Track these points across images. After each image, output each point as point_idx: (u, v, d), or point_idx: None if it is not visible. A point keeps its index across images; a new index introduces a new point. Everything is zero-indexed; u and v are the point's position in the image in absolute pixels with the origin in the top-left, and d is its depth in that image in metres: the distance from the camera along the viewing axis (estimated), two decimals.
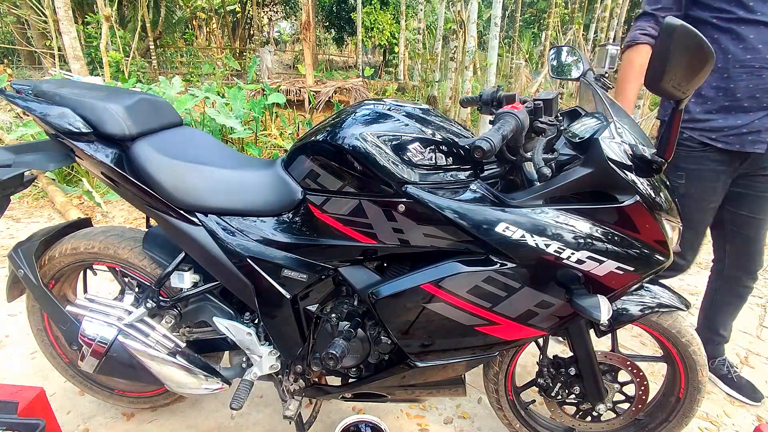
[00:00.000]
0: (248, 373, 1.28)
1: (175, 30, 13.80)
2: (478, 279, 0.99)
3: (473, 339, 1.08)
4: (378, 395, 1.29)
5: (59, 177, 3.87)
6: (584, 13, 11.84)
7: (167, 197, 1.15)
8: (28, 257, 1.30)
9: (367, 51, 19.24)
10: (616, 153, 0.92)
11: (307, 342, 1.22)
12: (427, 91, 8.37)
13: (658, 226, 0.96)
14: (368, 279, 1.11)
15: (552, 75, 1.35)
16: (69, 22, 4.84)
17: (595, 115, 1.08)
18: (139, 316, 1.26)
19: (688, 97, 0.80)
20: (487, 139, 0.82)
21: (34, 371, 1.78)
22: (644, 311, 1.15)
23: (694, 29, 0.71)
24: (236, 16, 15.99)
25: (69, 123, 1.14)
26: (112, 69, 6.70)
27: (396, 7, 13.02)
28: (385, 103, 1.10)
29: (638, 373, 1.25)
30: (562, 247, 0.95)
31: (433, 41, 10.34)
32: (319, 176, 1.06)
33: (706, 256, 3.09)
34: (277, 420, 1.59)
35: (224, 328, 1.25)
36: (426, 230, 1.00)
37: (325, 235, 1.09)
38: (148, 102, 1.25)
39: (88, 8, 9.78)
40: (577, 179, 0.93)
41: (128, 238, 1.33)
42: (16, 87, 1.25)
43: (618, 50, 1.39)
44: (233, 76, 9.79)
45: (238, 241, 1.14)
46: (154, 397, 1.55)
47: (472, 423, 1.62)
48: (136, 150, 1.17)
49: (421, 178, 0.99)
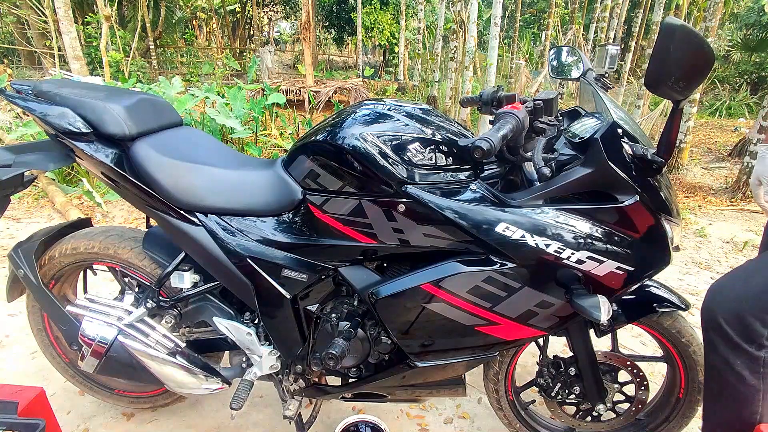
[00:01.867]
0: (248, 373, 1.28)
1: (175, 30, 13.81)
2: (478, 279, 0.99)
3: (473, 339, 1.08)
4: (378, 395, 1.29)
5: (59, 177, 3.87)
6: (584, 13, 11.85)
7: (167, 197, 1.15)
8: (28, 257, 1.30)
9: (367, 51, 19.25)
10: (616, 153, 0.92)
11: (307, 342, 1.22)
12: (427, 91, 8.38)
13: (658, 226, 0.96)
14: (368, 279, 1.11)
15: (552, 75, 1.35)
16: (69, 22, 4.84)
17: (595, 115, 1.08)
18: (139, 316, 1.26)
19: (687, 97, 0.80)
20: (487, 139, 0.82)
21: (34, 371, 1.78)
22: (644, 311, 1.15)
23: (695, 29, 0.71)
24: (236, 16, 16.00)
25: (69, 123, 1.14)
26: (112, 69, 6.71)
27: (396, 7, 13.03)
28: (385, 103, 1.10)
29: (638, 373, 1.25)
30: (562, 247, 0.95)
31: (433, 41, 10.34)
32: (319, 176, 1.06)
33: (706, 256, 3.09)
34: (277, 420, 1.59)
35: (224, 328, 1.25)
36: (426, 230, 1.00)
37: (325, 235, 1.09)
38: (148, 102, 1.25)
39: (88, 8, 9.79)
40: (577, 179, 0.93)
41: (128, 238, 1.33)
42: (16, 87, 1.25)
43: (618, 50, 1.39)
44: (233, 76, 9.80)
45: (238, 241, 1.14)
46: (154, 397, 1.55)
47: (472, 423, 1.62)
48: (136, 150, 1.17)
49: (421, 178, 0.99)
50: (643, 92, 6.26)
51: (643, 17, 9.95)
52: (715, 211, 4.02)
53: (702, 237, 3.41)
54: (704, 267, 2.95)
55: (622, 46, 11.19)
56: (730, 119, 9.86)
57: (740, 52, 11.64)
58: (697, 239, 3.38)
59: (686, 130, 4.93)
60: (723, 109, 10.29)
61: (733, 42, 11.77)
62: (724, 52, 11.59)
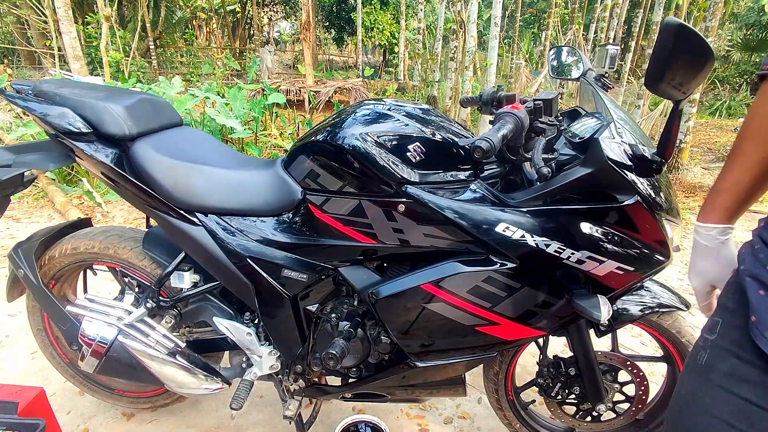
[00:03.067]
0: (248, 373, 1.28)
1: (175, 30, 13.80)
2: (478, 279, 0.99)
3: (473, 339, 1.08)
4: (378, 395, 1.29)
5: (59, 177, 3.87)
6: (584, 13, 11.85)
7: (167, 197, 1.15)
8: (28, 257, 1.30)
9: (367, 51, 19.25)
10: (616, 153, 0.92)
11: (307, 342, 1.22)
12: (427, 91, 8.38)
13: (658, 226, 0.96)
14: (368, 279, 1.11)
15: (552, 75, 1.34)
16: (69, 22, 4.84)
17: (595, 115, 1.08)
18: (139, 316, 1.26)
19: (687, 97, 0.79)
20: (486, 139, 0.82)
21: (34, 371, 1.78)
22: (644, 311, 1.15)
23: (694, 29, 0.71)
24: (236, 16, 16.00)
25: (69, 123, 1.14)
26: (112, 69, 6.71)
27: (396, 7, 13.03)
28: (385, 103, 1.10)
29: (638, 373, 1.25)
30: (562, 247, 0.95)
31: (433, 41, 10.34)
32: (319, 176, 1.06)
33: None
34: (277, 420, 1.59)
35: (224, 328, 1.25)
36: (426, 230, 1.00)
37: (325, 235, 1.09)
38: (148, 102, 1.25)
39: (88, 8, 9.79)
40: (577, 179, 0.93)
41: (128, 238, 1.33)
42: (16, 87, 1.25)
43: (617, 50, 1.39)
44: (233, 76, 9.80)
45: (238, 241, 1.14)
46: (154, 397, 1.55)
47: (472, 423, 1.62)
48: (136, 150, 1.17)
49: (421, 178, 0.99)
50: (643, 92, 6.26)
51: (643, 17, 9.95)
52: None
53: None
54: None
55: (622, 46, 11.20)
56: (730, 119, 9.86)
57: (740, 52, 11.64)
58: None
59: (686, 130, 4.93)
60: (723, 109, 10.29)
61: (733, 42, 11.77)
62: (724, 52, 11.58)
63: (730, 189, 0.75)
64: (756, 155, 0.70)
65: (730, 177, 0.74)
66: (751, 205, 0.77)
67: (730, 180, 0.74)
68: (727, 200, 0.76)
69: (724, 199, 0.76)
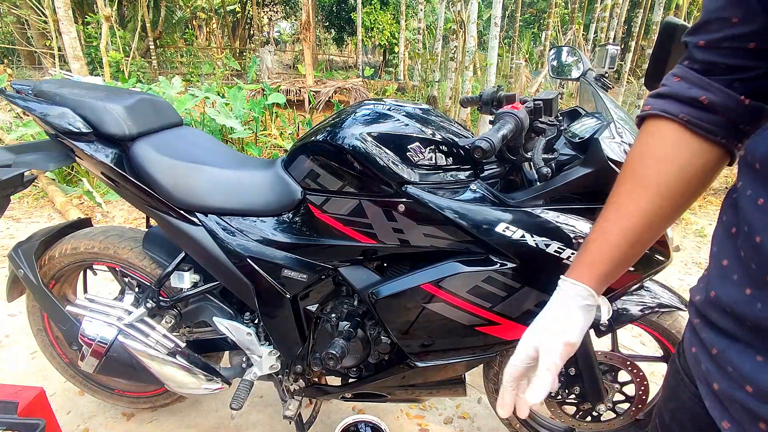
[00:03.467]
0: (248, 373, 1.28)
1: (175, 30, 13.80)
2: (478, 279, 0.99)
3: (473, 339, 1.08)
4: (378, 395, 1.29)
5: (59, 177, 3.87)
6: (584, 13, 11.84)
7: (167, 197, 1.15)
8: (28, 257, 1.30)
9: (367, 51, 19.25)
10: (616, 153, 0.92)
11: (307, 342, 1.21)
12: (427, 91, 8.37)
13: None
14: (368, 279, 1.11)
15: (552, 75, 1.34)
16: (69, 22, 4.84)
17: (595, 115, 1.07)
18: (139, 316, 1.26)
19: None
20: (486, 139, 0.82)
21: (34, 371, 1.78)
22: (644, 311, 1.15)
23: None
24: (236, 16, 15.99)
25: (69, 123, 1.14)
26: (112, 69, 6.71)
27: (396, 7, 13.02)
28: (385, 103, 1.10)
29: (638, 373, 1.25)
30: (562, 246, 0.95)
31: (433, 41, 10.33)
32: (319, 176, 1.06)
33: (706, 256, 3.09)
34: (277, 420, 1.59)
35: (224, 328, 1.25)
36: (426, 230, 1.00)
37: (325, 235, 1.09)
38: (148, 102, 1.25)
39: (88, 8, 9.78)
40: (577, 179, 0.93)
41: (128, 238, 1.33)
42: (16, 87, 1.25)
43: (617, 50, 1.39)
44: (233, 76, 9.80)
45: (238, 241, 1.14)
46: (153, 397, 1.55)
47: (472, 423, 1.61)
48: (136, 150, 1.17)
49: (421, 178, 0.99)
50: (643, 92, 6.26)
51: (643, 17, 9.95)
52: (715, 211, 4.01)
53: (702, 237, 3.41)
54: (704, 267, 2.95)
55: (622, 46, 11.19)
56: None
57: None
58: (697, 239, 3.38)
59: None
60: None
61: None
62: None
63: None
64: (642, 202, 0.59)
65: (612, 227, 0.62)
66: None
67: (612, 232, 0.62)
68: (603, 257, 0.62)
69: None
